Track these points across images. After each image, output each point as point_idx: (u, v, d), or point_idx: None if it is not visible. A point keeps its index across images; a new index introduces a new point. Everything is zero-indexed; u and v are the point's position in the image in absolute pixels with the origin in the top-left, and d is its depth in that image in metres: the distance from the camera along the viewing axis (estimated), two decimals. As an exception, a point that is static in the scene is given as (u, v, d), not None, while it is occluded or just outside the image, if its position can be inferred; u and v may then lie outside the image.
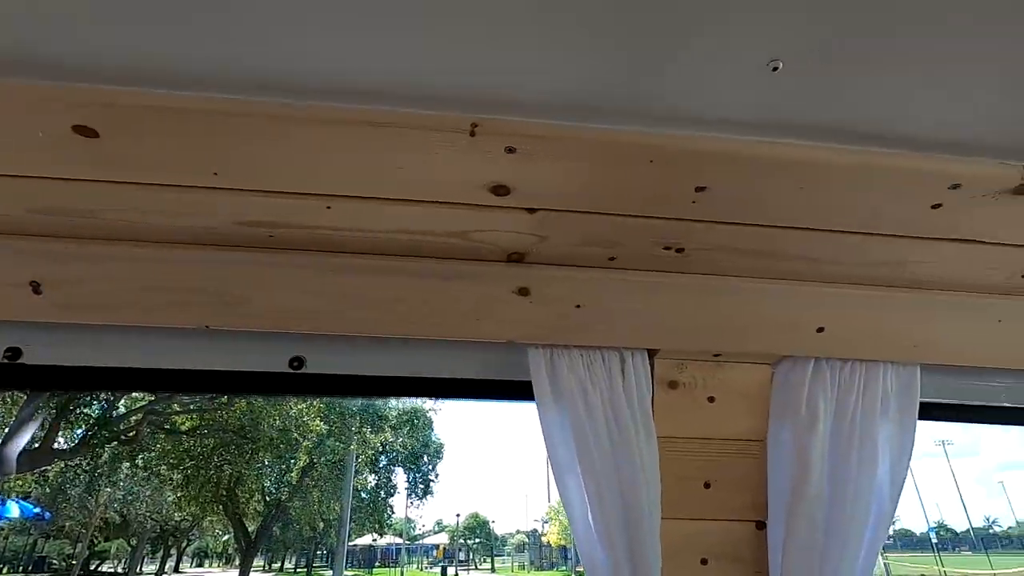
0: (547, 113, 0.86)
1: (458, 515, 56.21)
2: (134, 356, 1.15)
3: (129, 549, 36.62)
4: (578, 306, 1.16)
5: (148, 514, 27.24)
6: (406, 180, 0.95)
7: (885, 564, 33.13)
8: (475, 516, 62.78)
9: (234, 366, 1.20)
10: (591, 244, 1.10)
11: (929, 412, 1.38)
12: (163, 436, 14.70)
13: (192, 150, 0.91)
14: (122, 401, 14.60)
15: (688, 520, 1.24)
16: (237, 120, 0.89)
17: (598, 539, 1.14)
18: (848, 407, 1.25)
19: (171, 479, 16.71)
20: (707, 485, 1.26)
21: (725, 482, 1.26)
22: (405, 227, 1.05)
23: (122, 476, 19.34)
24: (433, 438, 21.93)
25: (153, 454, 15.20)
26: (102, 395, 12.87)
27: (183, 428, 14.69)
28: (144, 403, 13.88)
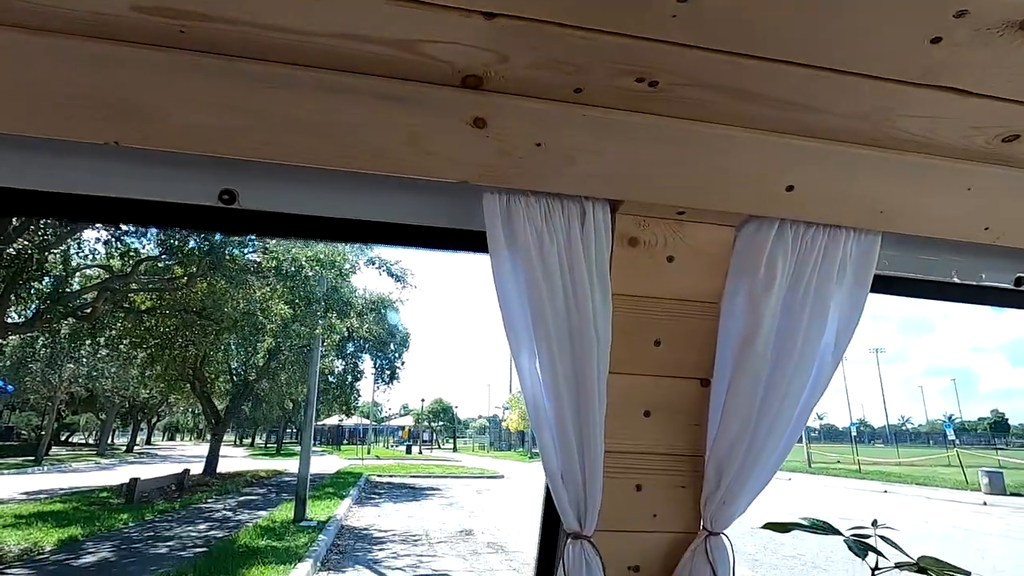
0: None
1: (423, 400, 59.07)
2: (33, 176, 1.01)
3: (99, 422, 37.51)
4: (539, 144, 1.06)
5: (115, 390, 27.66)
6: None
7: (808, 453, 36.87)
8: (439, 401, 66.10)
9: (157, 195, 1.07)
10: (557, 68, 0.97)
11: (883, 284, 1.39)
12: (122, 315, 14.49)
13: None
14: (76, 279, 14.16)
15: (636, 375, 1.24)
16: None
17: (545, 389, 1.14)
18: (806, 271, 1.24)
19: (135, 357, 16.75)
20: (657, 343, 1.25)
21: (675, 341, 1.26)
22: (341, 29, 0.90)
23: (84, 353, 19.28)
24: (400, 327, 22.38)
25: (114, 332, 15.07)
26: (53, 270, 12.42)
27: (143, 308, 14.47)
28: (99, 280, 13.50)
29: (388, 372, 22.63)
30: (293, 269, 11.94)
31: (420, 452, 45.33)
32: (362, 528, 11.38)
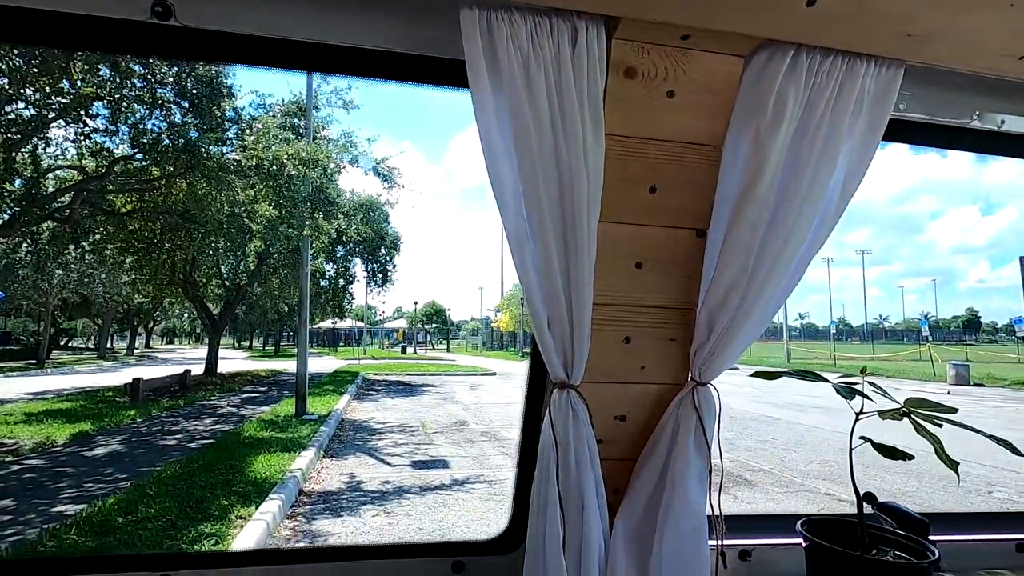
0: None
1: (416, 303, 60.00)
2: None
3: (96, 327, 38.00)
4: None
5: (108, 295, 27.72)
6: None
7: (788, 349, 38.51)
8: (432, 304, 67.22)
9: (77, 6, 0.92)
10: None
11: (895, 131, 1.28)
12: (103, 218, 14.15)
13: None
14: (50, 181, 13.62)
15: (628, 225, 1.16)
16: None
17: (531, 233, 1.06)
18: (818, 109, 1.13)
19: (123, 262, 16.59)
20: (652, 190, 1.16)
21: (672, 188, 1.17)
22: None
23: (71, 259, 19.06)
24: (390, 230, 22.11)
25: (98, 237, 14.79)
26: (23, 171, 11.90)
27: (123, 210, 14.09)
28: (74, 182, 13.01)
29: (380, 275, 22.71)
30: (275, 168, 11.50)
31: (415, 353, 46.81)
32: (361, 420, 11.94)
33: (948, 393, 18.21)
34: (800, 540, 1.29)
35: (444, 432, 10.77)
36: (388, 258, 22.82)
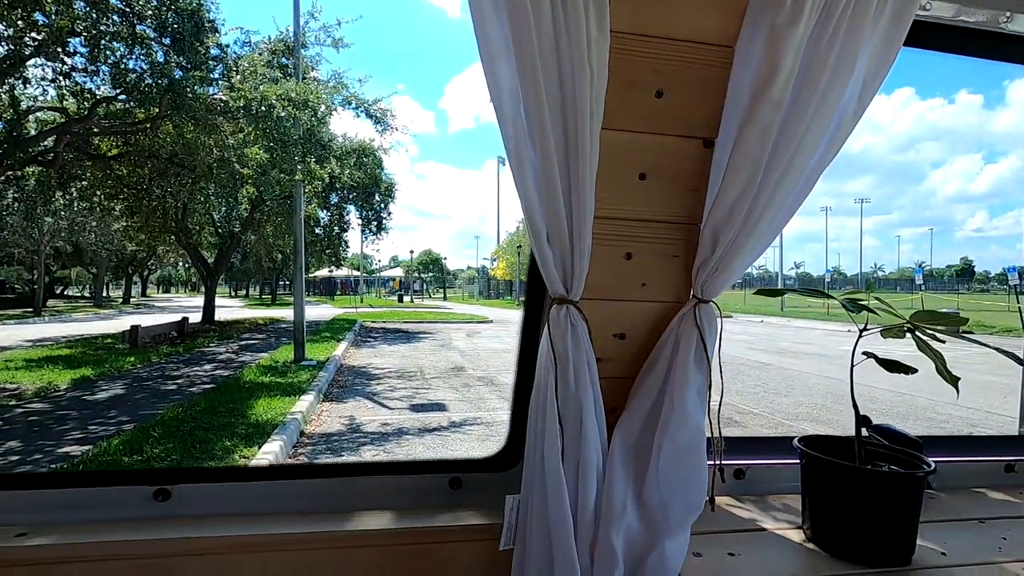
0: None
1: (412, 252, 59.79)
2: None
3: (90, 276, 37.85)
4: None
5: (100, 243, 27.45)
6: None
7: (781, 299, 38.86)
8: (428, 252, 67.06)
9: None
10: None
11: (922, 35, 1.20)
12: (89, 163, 13.79)
13: None
14: (32, 123, 13.17)
15: (632, 132, 1.10)
16: None
17: (528, 136, 1.00)
18: (839, 6, 1.05)
19: (113, 209, 16.31)
20: (659, 94, 1.09)
21: (680, 93, 1.10)
22: None
23: (60, 206, 18.72)
24: (384, 176, 21.70)
25: (85, 183, 14.47)
26: (3, 114, 11.49)
27: (110, 154, 13.72)
28: (56, 124, 12.60)
29: (375, 223, 22.47)
30: (264, 109, 11.12)
31: (411, 301, 47.03)
32: (360, 366, 12.09)
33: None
34: (796, 460, 1.29)
35: (441, 377, 10.93)
36: (383, 205, 22.52)
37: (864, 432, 1.31)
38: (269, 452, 5.66)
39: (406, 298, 49.07)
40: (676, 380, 1.12)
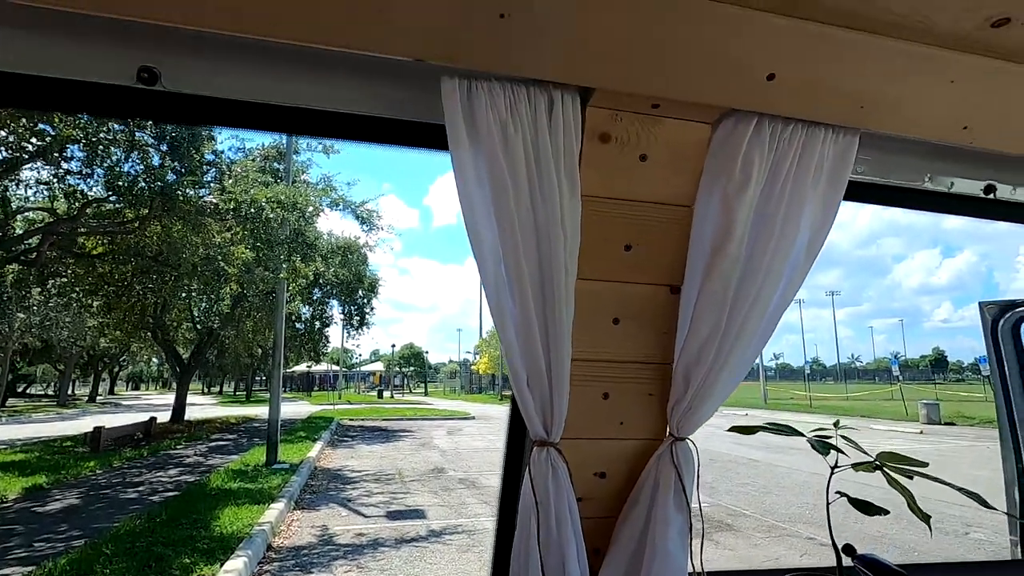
0: None
1: (393, 346, 59.19)
2: None
3: (57, 373, 36.46)
4: (503, 15, 0.95)
5: (71, 340, 26.74)
6: None
7: (765, 390, 38.83)
8: (410, 347, 66.42)
9: (62, 71, 0.93)
10: None
11: (855, 191, 1.35)
12: (73, 261, 13.81)
13: None
14: (19, 222, 13.31)
15: (605, 282, 1.19)
16: None
17: (509, 290, 1.08)
18: (782, 171, 1.19)
19: (90, 305, 16.11)
20: (628, 248, 1.20)
21: (647, 246, 1.21)
22: None
23: (35, 302, 18.45)
24: (368, 272, 21.97)
25: (65, 279, 14.40)
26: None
27: (94, 252, 13.79)
28: (43, 224, 12.75)
29: (357, 318, 22.42)
30: (253, 211, 11.46)
31: (392, 397, 45.87)
32: (335, 469, 11.55)
33: (921, 432, 18.47)
34: None
35: (421, 480, 10.47)
36: (366, 300, 22.60)
37: (848, 561, 1.30)
38: (232, 570, 5.24)
39: (386, 393, 47.90)
40: (657, 522, 1.13)
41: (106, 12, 0.83)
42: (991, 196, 1.43)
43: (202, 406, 31.53)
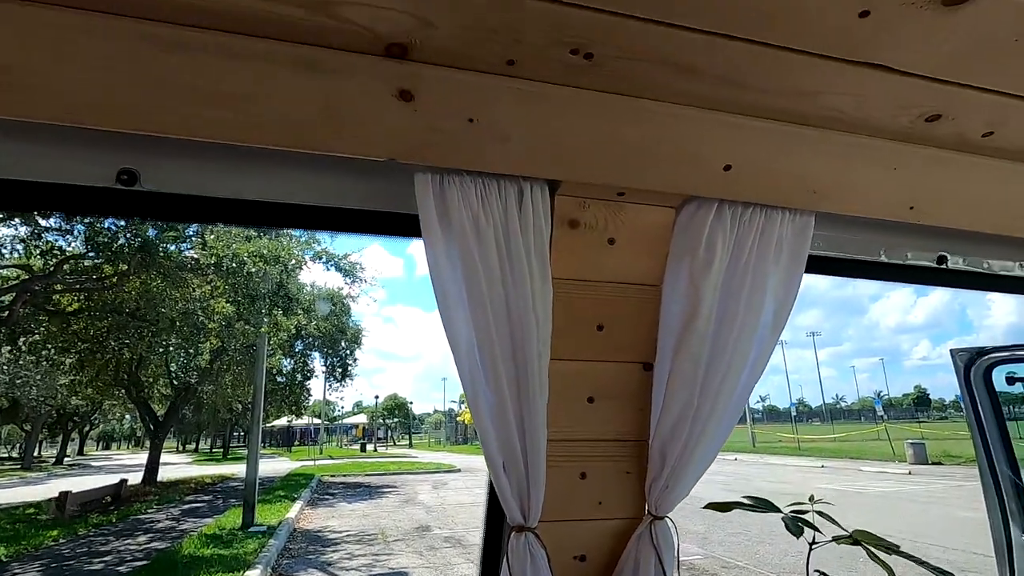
0: None
1: (377, 397, 58.09)
2: None
3: (23, 434, 34.97)
4: (471, 120, 1.00)
5: (41, 399, 25.80)
6: None
7: (752, 434, 38.62)
8: (394, 397, 65.20)
9: (42, 175, 0.96)
10: (487, 38, 0.92)
11: (816, 265, 1.41)
12: (46, 318, 13.49)
13: None
14: (-9, 279, 13.06)
15: (578, 361, 1.21)
16: None
17: (484, 377, 1.09)
18: (744, 251, 1.24)
19: (62, 363, 15.64)
20: (600, 328, 1.23)
21: (618, 325, 1.24)
22: None
23: (4, 360, 17.88)
24: (351, 323, 21.79)
25: (38, 337, 14.01)
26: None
27: (69, 309, 13.50)
28: (17, 282, 12.52)
29: (340, 370, 22.07)
30: (235, 266, 11.40)
31: (375, 450, 44.64)
32: (315, 530, 11.08)
33: (909, 473, 18.40)
34: None
35: (405, 539, 10.08)
36: (348, 352, 22.32)
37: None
38: (203, 651, 4.93)
39: (369, 447, 46.61)
40: (638, 608, 1.11)
41: (86, 125, 0.87)
42: (944, 266, 1.50)
43: (176, 465, 30.31)
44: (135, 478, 18.06)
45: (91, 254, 11.80)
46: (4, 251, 12.42)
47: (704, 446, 1.20)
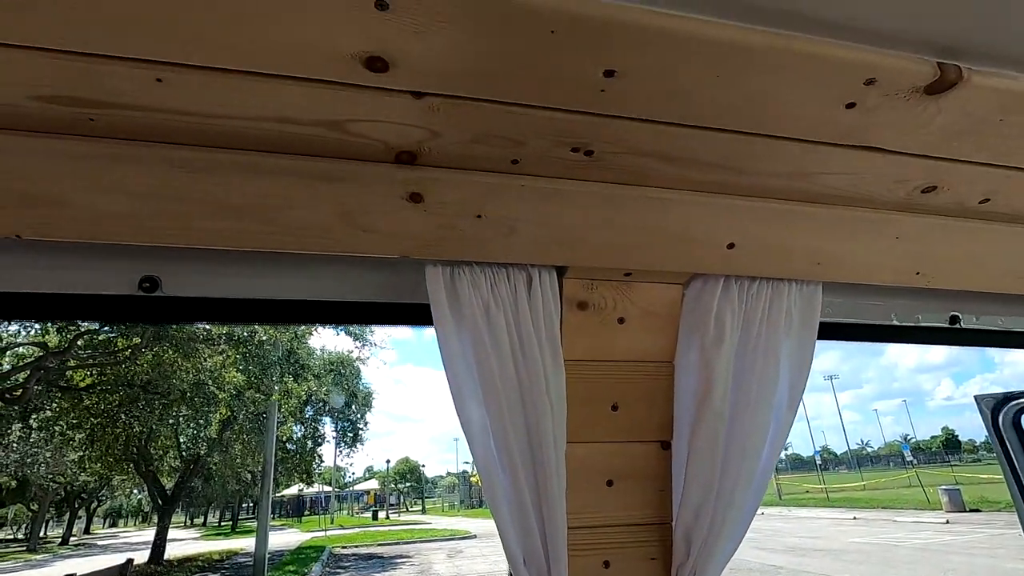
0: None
1: (388, 461, 56.77)
2: None
3: (29, 513, 34.27)
4: (479, 216, 1.04)
5: (49, 476, 25.40)
6: (256, 46, 0.76)
7: (778, 485, 37.15)
8: (406, 461, 63.71)
9: (68, 287, 0.99)
10: (491, 143, 0.97)
11: (827, 331, 1.41)
12: (59, 394, 13.51)
13: None
14: (6, 357, 13.19)
15: (594, 443, 1.20)
16: None
17: (500, 465, 1.08)
18: (754, 324, 1.24)
19: (72, 439, 15.51)
20: (615, 408, 1.22)
21: (632, 404, 1.23)
22: (262, 112, 0.87)
23: (14, 438, 17.76)
24: (361, 387, 21.62)
25: (49, 413, 13.98)
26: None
27: (82, 385, 13.53)
28: (32, 360, 12.63)
29: (350, 435, 21.74)
30: (246, 335, 11.49)
31: (387, 517, 43.22)
32: (326, 609, 10.59)
33: (947, 522, 17.52)
34: None
35: (421, 617, 9.59)
36: (359, 416, 22.05)
37: None
38: None
39: (381, 514, 45.15)
40: None
41: (114, 241, 0.91)
42: (957, 326, 1.49)
43: (184, 541, 29.42)
44: (142, 557, 17.49)
45: (105, 328, 11.96)
46: (21, 329, 12.60)
47: (730, 528, 1.16)
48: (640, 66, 0.82)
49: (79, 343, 12.24)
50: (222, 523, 47.62)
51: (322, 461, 23.17)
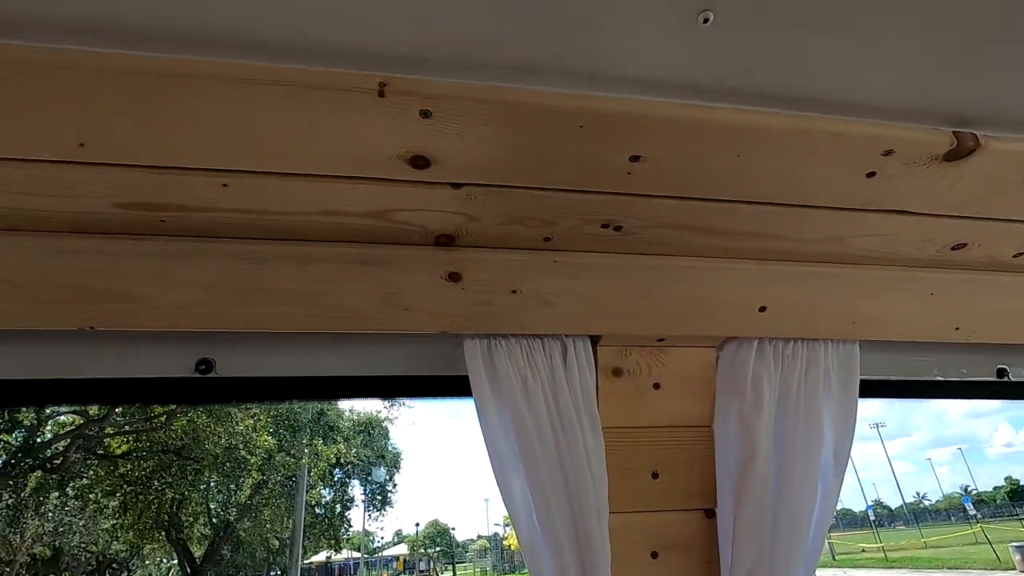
0: (463, 72, 0.78)
1: (417, 524, 55.28)
2: (4, 367, 0.99)
3: (61, 585, 34.01)
4: (514, 291, 1.08)
5: (83, 546, 25.39)
6: (311, 152, 0.84)
7: (830, 544, 34.82)
8: (435, 524, 61.92)
9: (130, 372, 1.06)
10: (524, 223, 1.03)
11: (868, 389, 1.39)
12: (96, 461, 13.73)
13: (53, 114, 0.77)
14: (48, 426, 13.55)
15: (637, 513, 1.18)
16: (106, 78, 0.77)
17: (544, 540, 1.07)
18: (792, 386, 1.24)
19: (106, 506, 15.61)
20: (655, 475, 1.21)
21: (673, 471, 1.21)
22: (314, 208, 0.95)
23: (51, 507, 17.96)
24: (390, 448, 21.41)
25: (85, 481, 14.17)
26: (24, 420, 11.89)
27: (118, 452, 13.75)
28: (73, 428, 12.95)
29: (379, 498, 21.36)
30: (276, 397, 11.61)
31: (418, 585, 41.50)
32: None
33: (1024, 585, 16.05)
34: None
35: None
36: (388, 477, 21.73)
37: None
38: None
39: (411, 581, 43.45)
40: None
41: (177, 329, 0.98)
42: (1005, 379, 1.45)
43: (211, 613, 28.57)
44: (169, 632, 17.07)
45: (142, 395, 12.22)
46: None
47: (784, 603, 1.11)
48: (664, 151, 0.87)
49: (117, 410, 12.52)
50: (249, 593, 46.38)
51: (351, 525, 22.72)
